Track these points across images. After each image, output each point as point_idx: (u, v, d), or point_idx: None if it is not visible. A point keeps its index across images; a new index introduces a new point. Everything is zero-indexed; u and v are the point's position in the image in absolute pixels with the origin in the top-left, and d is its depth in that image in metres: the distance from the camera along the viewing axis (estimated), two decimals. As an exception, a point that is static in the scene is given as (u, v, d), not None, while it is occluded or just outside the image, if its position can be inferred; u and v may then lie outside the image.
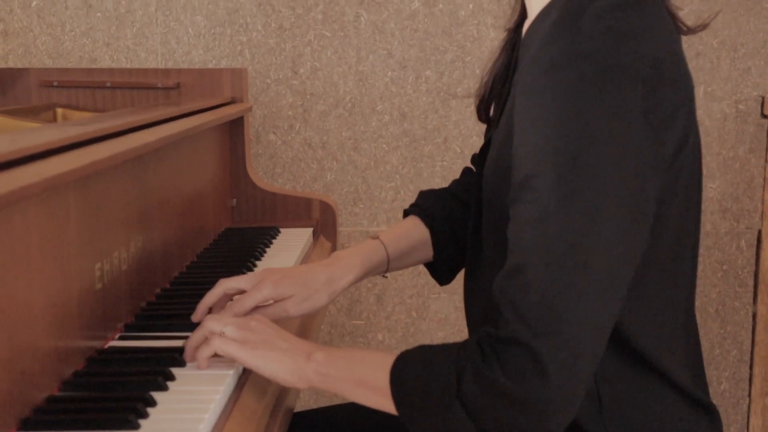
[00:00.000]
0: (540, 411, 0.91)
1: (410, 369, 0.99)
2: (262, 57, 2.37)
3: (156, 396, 0.97)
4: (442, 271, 1.41)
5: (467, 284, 1.23)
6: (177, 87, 1.95)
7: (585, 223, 0.93)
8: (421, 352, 1.00)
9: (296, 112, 2.39)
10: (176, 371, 1.05)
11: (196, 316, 1.22)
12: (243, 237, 1.76)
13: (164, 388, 1.00)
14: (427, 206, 1.41)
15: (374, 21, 2.36)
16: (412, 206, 1.43)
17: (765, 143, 2.39)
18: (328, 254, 1.83)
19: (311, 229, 1.86)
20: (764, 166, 2.40)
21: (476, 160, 1.31)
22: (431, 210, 1.40)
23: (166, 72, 1.98)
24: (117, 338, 1.18)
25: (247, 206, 1.95)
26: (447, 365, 0.96)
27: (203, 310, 1.22)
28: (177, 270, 1.48)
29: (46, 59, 2.39)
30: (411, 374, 0.98)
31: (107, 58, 2.39)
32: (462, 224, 1.37)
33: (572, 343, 0.91)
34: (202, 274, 1.48)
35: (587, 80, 0.94)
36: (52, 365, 0.99)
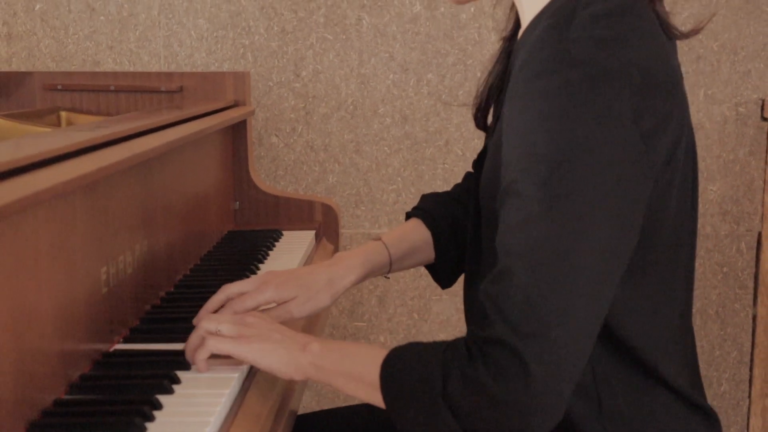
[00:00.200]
0: (523, 412, 0.91)
1: (399, 365, 0.99)
2: (265, 60, 2.38)
3: (162, 399, 0.99)
4: (444, 274, 1.42)
5: (467, 288, 1.24)
6: (180, 90, 1.96)
7: (569, 227, 0.93)
8: (411, 349, 1.01)
9: (298, 115, 2.40)
10: (181, 374, 1.07)
11: (198, 321, 1.22)
12: (246, 240, 1.77)
13: (170, 391, 1.01)
14: (429, 209, 1.42)
15: (376, 24, 2.37)
16: (415, 209, 1.44)
17: (765, 146, 2.40)
18: (331, 257, 1.84)
19: (314, 232, 1.86)
20: (764, 169, 2.40)
21: (476, 165, 1.33)
22: (433, 213, 1.41)
23: (170, 75, 1.99)
24: (122, 341, 1.19)
25: (250, 209, 1.96)
26: (434, 364, 0.96)
27: (205, 316, 1.23)
28: (181, 273, 1.49)
29: (50, 62, 2.41)
30: (400, 371, 0.99)
31: (110, 61, 2.40)
32: (463, 227, 1.38)
33: (556, 346, 0.91)
34: (206, 278, 1.48)
35: (574, 86, 0.95)
36: (60, 368, 1.00)
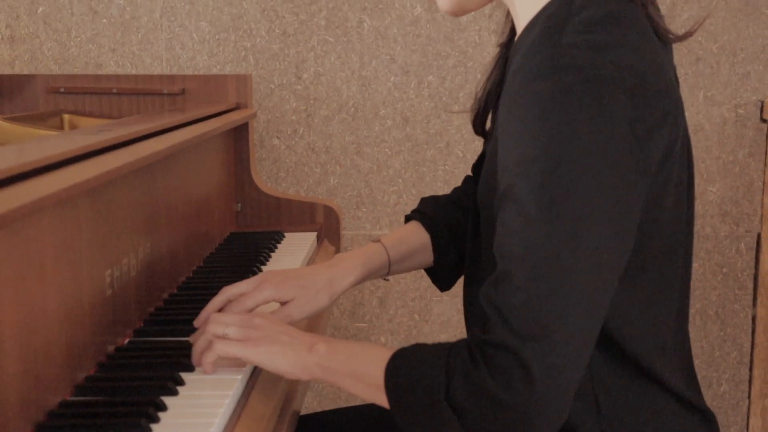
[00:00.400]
0: (526, 415, 0.92)
1: (403, 368, 1.00)
2: (266, 62, 2.39)
3: (166, 401, 1.00)
4: (442, 277, 1.42)
5: (466, 291, 1.25)
6: (182, 93, 1.97)
7: (567, 230, 0.94)
8: (415, 351, 1.01)
9: (300, 117, 2.41)
10: (185, 376, 1.08)
11: (199, 323, 1.23)
12: (248, 241, 1.77)
13: (174, 393, 1.02)
14: (428, 212, 1.43)
15: (377, 27, 2.38)
16: (414, 212, 1.44)
17: (764, 147, 2.41)
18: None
19: (315, 233, 1.87)
20: (763, 170, 2.41)
21: (475, 169, 1.34)
22: (432, 216, 1.42)
23: (172, 78, 2.00)
24: (127, 343, 1.20)
25: (252, 211, 1.96)
26: (438, 366, 0.97)
27: (206, 318, 1.23)
28: (184, 275, 1.50)
29: (52, 65, 2.42)
30: (404, 372, 0.99)
31: (112, 64, 2.41)
32: (462, 231, 1.39)
33: (557, 349, 0.92)
34: (209, 279, 1.49)
35: (569, 91, 0.95)
36: (65, 370, 1.01)
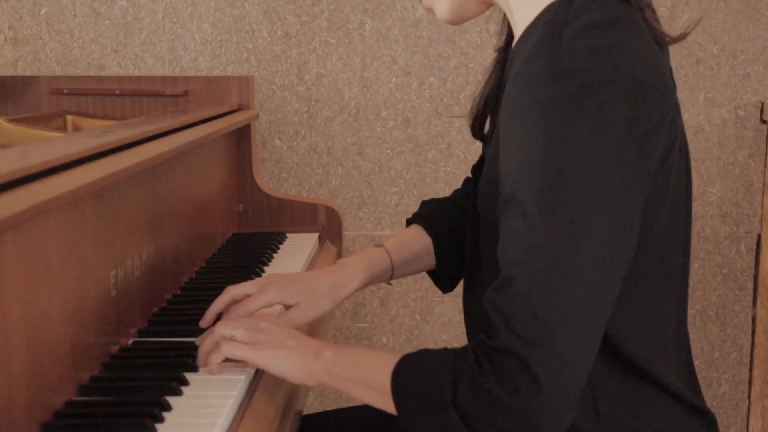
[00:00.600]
0: (532, 420, 0.92)
1: (410, 373, 1.00)
2: (268, 64, 2.40)
3: (171, 401, 1.00)
4: (445, 279, 1.43)
5: (466, 294, 1.25)
6: (185, 94, 1.98)
7: (569, 235, 0.94)
8: (422, 357, 1.02)
9: (302, 118, 2.42)
10: (189, 376, 1.08)
11: (204, 323, 1.25)
12: (250, 242, 1.78)
13: (179, 393, 1.03)
14: (429, 215, 1.43)
15: (378, 28, 2.39)
16: (415, 215, 1.45)
17: (764, 148, 2.41)
18: (334, 259, 1.86)
19: (317, 234, 1.88)
20: (763, 171, 2.42)
21: (474, 172, 1.34)
22: (433, 219, 1.42)
23: (174, 79, 2.00)
24: (131, 343, 1.21)
25: (254, 211, 1.97)
26: (444, 371, 0.97)
27: (211, 318, 1.25)
28: (187, 276, 1.51)
29: (55, 66, 2.43)
30: (410, 378, 1.00)
31: (115, 65, 2.42)
32: (463, 233, 1.39)
33: (562, 353, 0.92)
34: (212, 280, 1.50)
35: (568, 97, 0.96)
36: (70, 370, 1.02)
